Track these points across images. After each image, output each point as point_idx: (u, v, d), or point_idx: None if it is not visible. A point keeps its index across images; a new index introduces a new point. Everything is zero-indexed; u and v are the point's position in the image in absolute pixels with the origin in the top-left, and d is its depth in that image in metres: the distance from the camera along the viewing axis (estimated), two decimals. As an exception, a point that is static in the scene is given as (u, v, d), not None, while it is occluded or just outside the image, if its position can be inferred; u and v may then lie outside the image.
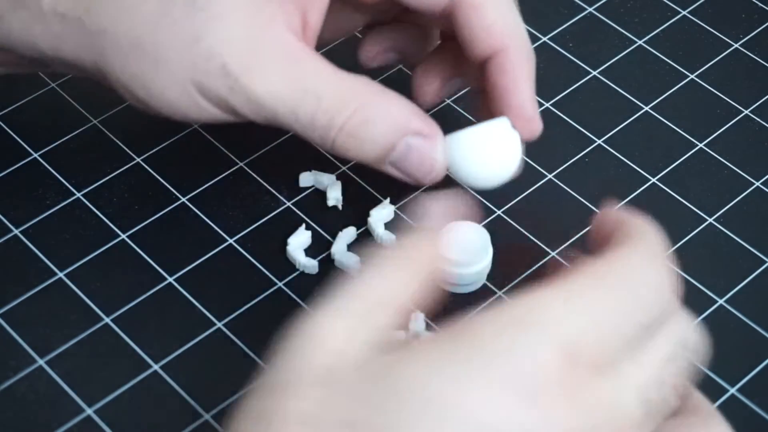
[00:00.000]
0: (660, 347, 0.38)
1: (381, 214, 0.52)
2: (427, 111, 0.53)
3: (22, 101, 0.57)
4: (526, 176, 0.55)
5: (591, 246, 0.41)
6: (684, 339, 0.38)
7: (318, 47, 0.49)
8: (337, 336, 0.36)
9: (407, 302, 0.38)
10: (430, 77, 0.53)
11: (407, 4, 0.49)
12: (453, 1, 0.48)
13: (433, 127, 0.47)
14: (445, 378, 0.34)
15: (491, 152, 0.48)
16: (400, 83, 0.56)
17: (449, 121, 0.57)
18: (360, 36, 0.55)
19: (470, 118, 0.57)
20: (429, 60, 0.53)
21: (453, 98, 0.57)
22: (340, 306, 0.37)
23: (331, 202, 0.53)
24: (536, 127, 0.49)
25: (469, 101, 0.57)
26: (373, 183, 0.54)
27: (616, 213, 0.41)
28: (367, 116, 0.46)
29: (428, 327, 0.48)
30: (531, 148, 0.56)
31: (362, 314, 0.37)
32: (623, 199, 0.54)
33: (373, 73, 0.57)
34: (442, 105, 0.57)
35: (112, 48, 0.47)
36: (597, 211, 0.54)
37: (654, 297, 0.37)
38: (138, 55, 0.46)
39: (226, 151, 0.55)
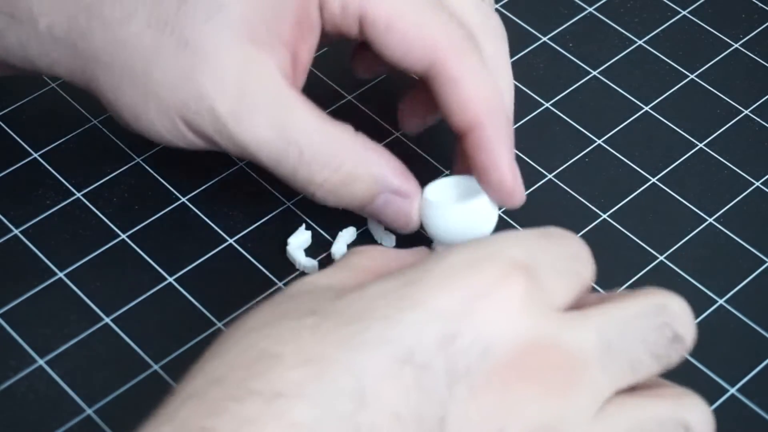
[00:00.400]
0: (629, 305, 0.39)
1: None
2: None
3: (22, 101, 0.57)
4: (526, 176, 0.54)
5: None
6: (662, 307, 0.39)
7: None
8: (319, 277, 0.40)
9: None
10: (415, 108, 0.53)
11: (389, 62, 0.49)
12: (431, 71, 0.48)
13: (411, 186, 0.48)
14: (404, 287, 0.37)
15: (468, 226, 0.48)
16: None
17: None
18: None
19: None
20: (415, 90, 0.53)
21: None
22: (326, 268, 0.41)
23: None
24: (517, 199, 0.48)
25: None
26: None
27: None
28: (348, 176, 0.47)
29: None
30: (531, 148, 0.56)
31: (344, 270, 0.40)
32: (623, 199, 0.54)
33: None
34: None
35: (105, 75, 0.47)
36: (597, 211, 0.54)
37: (585, 254, 0.41)
38: (129, 85, 0.47)
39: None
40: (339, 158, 0.47)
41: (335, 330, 0.36)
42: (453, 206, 0.48)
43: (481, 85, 0.48)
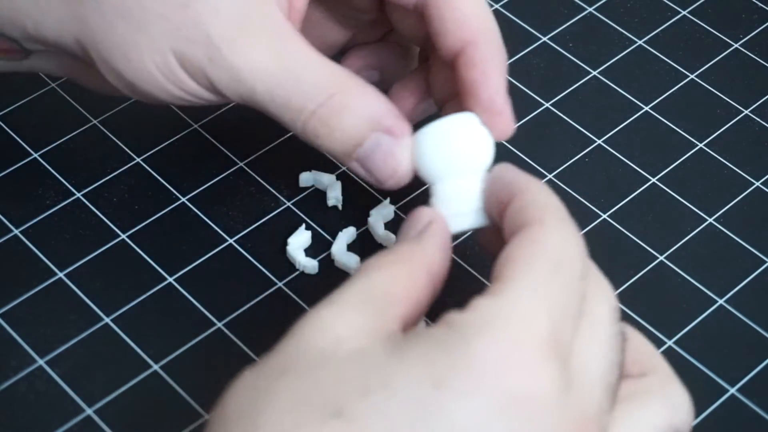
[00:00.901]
0: (599, 320, 0.38)
1: (381, 214, 0.52)
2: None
3: (22, 101, 0.57)
4: (526, 176, 0.55)
5: (488, 207, 0.43)
6: (615, 308, 0.39)
7: None
8: (338, 324, 0.36)
9: (415, 297, 0.39)
10: (403, 97, 0.52)
11: None
12: None
13: (404, 128, 0.46)
14: (435, 391, 0.34)
15: (457, 146, 0.45)
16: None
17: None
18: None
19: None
20: (404, 81, 0.52)
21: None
22: (344, 297, 0.37)
23: (331, 202, 0.53)
24: (507, 123, 0.46)
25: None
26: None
27: (511, 177, 0.42)
28: (341, 104, 0.45)
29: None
30: (531, 148, 0.56)
31: (366, 306, 0.37)
32: (623, 199, 0.54)
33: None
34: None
35: (95, 15, 0.46)
36: (597, 211, 0.54)
37: (584, 265, 0.39)
38: (121, 21, 0.46)
39: (226, 151, 0.55)
40: (334, 86, 0.45)
41: None
42: (437, 124, 0.45)
43: (477, 4, 0.47)
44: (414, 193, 0.53)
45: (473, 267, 0.51)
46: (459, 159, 0.44)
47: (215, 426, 0.35)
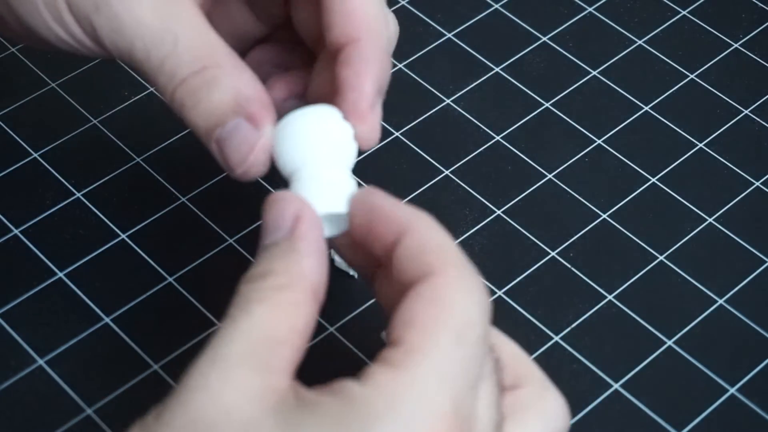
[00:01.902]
0: (487, 377, 0.38)
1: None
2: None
3: (22, 101, 0.57)
4: (526, 176, 0.55)
5: (355, 231, 0.40)
6: (490, 347, 0.38)
7: None
8: (225, 391, 0.35)
9: (301, 327, 0.37)
10: (276, 88, 0.49)
11: None
12: None
13: (266, 119, 0.43)
14: None
15: (315, 136, 0.43)
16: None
17: (450, 124, 0.57)
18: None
19: (470, 118, 0.57)
20: (284, 74, 0.50)
21: (453, 98, 0.57)
22: (228, 353, 0.36)
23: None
24: (369, 130, 0.43)
25: (466, 102, 0.57)
26: (373, 183, 0.54)
27: (391, 207, 0.39)
28: (212, 77, 0.44)
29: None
30: (531, 148, 0.56)
31: (251, 361, 0.36)
32: (623, 199, 0.54)
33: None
34: (443, 105, 0.57)
35: None
36: (597, 211, 0.54)
37: (486, 322, 0.37)
38: None
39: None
40: (211, 59, 0.44)
41: None
42: (297, 113, 0.43)
43: (369, 4, 0.45)
44: (413, 194, 0.53)
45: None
46: (317, 149, 0.43)
47: None
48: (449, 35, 0.60)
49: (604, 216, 0.53)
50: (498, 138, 0.56)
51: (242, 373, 0.35)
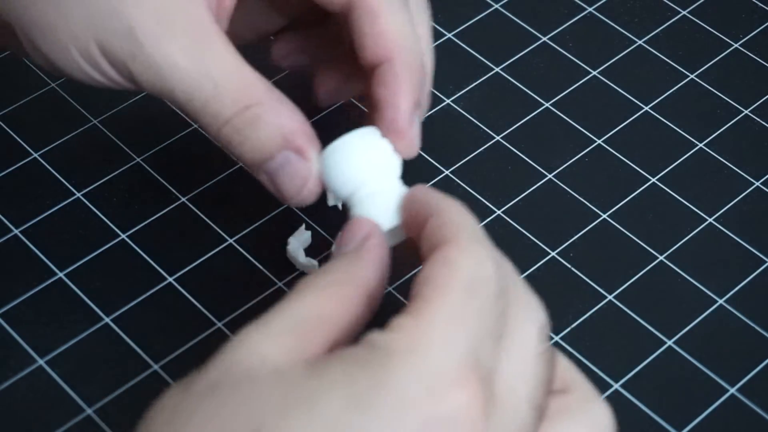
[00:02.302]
0: (524, 339, 0.38)
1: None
2: (327, 109, 0.54)
3: (22, 101, 0.57)
4: (526, 176, 0.55)
5: (405, 228, 0.43)
6: (542, 326, 0.39)
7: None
8: (264, 344, 0.36)
9: (347, 321, 0.38)
10: (328, 78, 0.53)
11: None
12: (351, 2, 0.47)
13: (313, 150, 0.46)
14: (355, 412, 0.34)
15: (360, 159, 0.45)
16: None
17: (450, 124, 0.57)
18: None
19: (470, 118, 0.57)
20: (330, 62, 0.53)
21: (453, 98, 0.57)
22: (274, 319, 0.37)
23: (331, 202, 0.53)
24: (409, 145, 0.46)
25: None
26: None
27: (426, 197, 0.41)
28: (256, 116, 0.45)
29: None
30: (531, 148, 0.56)
31: (293, 328, 0.37)
32: (623, 199, 0.54)
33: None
34: (443, 105, 0.57)
35: None
36: (597, 211, 0.54)
37: (500, 285, 0.38)
38: (42, 3, 0.45)
39: (227, 151, 0.55)
40: (252, 98, 0.45)
41: None
42: (340, 140, 0.45)
43: (399, 22, 0.47)
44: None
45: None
46: (366, 171, 0.45)
47: None
48: (449, 35, 0.60)
49: (604, 216, 0.53)
50: (498, 138, 0.56)
51: (283, 336, 0.37)
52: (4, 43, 0.51)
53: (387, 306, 0.40)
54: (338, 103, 0.56)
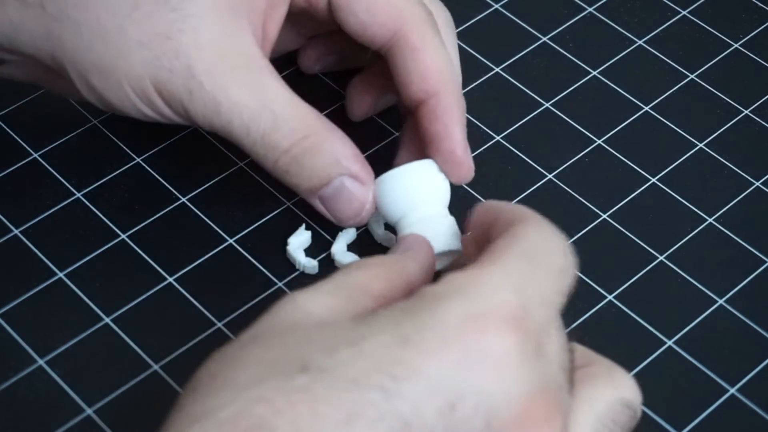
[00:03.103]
0: (607, 393, 0.40)
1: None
2: (359, 120, 0.55)
3: (22, 101, 0.57)
4: (526, 176, 0.55)
5: (471, 235, 0.44)
6: (630, 400, 0.41)
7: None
8: (310, 303, 0.38)
9: (390, 297, 0.39)
10: (363, 90, 0.54)
11: (350, 33, 0.50)
12: (393, 39, 0.49)
13: (369, 175, 0.48)
14: (401, 347, 0.35)
15: (417, 190, 0.48)
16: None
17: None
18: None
19: (470, 118, 0.57)
20: (364, 73, 0.54)
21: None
22: (321, 285, 0.39)
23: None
24: (466, 173, 0.49)
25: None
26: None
27: (494, 205, 0.43)
28: (313, 145, 0.47)
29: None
30: (531, 148, 0.56)
31: (339, 292, 0.38)
32: (623, 200, 0.54)
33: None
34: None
35: (72, 35, 0.47)
36: (597, 211, 0.54)
37: (560, 261, 0.39)
38: (100, 43, 0.46)
39: (226, 151, 0.55)
40: (308, 128, 0.47)
41: (329, 398, 0.34)
42: (398, 170, 0.48)
43: (440, 56, 0.49)
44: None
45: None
46: (420, 200, 0.48)
47: (186, 390, 0.36)
48: (449, 35, 0.60)
49: (604, 216, 0.53)
50: (498, 138, 0.56)
51: (329, 296, 0.38)
52: (51, 86, 0.52)
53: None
54: (370, 115, 0.56)
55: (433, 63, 0.49)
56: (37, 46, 0.48)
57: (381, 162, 0.50)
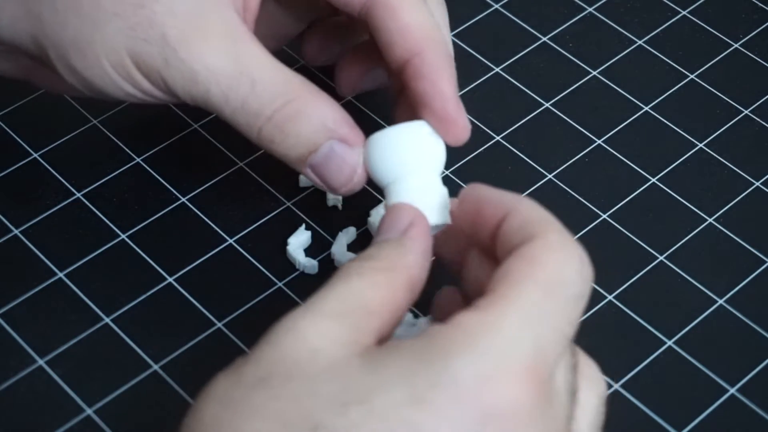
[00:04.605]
0: (597, 396, 0.40)
1: (381, 213, 0.52)
2: (347, 97, 0.54)
3: (22, 101, 0.57)
4: (526, 176, 0.55)
5: (462, 223, 0.43)
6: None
7: None
8: (313, 334, 0.36)
9: (393, 309, 0.38)
10: (351, 67, 0.53)
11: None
12: (368, 2, 0.47)
13: (358, 137, 0.46)
14: (414, 408, 0.34)
15: (409, 151, 0.45)
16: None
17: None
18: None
19: (470, 118, 0.57)
20: (353, 50, 0.53)
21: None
22: (321, 306, 0.37)
23: (331, 202, 0.53)
24: (461, 130, 0.46)
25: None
26: (373, 183, 0.54)
27: (497, 194, 0.42)
28: (297, 111, 0.45)
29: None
30: (531, 148, 0.56)
31: (342, 317, 0.37)
32: (623, 200, 0.54)
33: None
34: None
35: (49, 11, 0.46)
36: (597, 211, 0.54)
37: (579, 288, 0.38)
38: (75, 18, 0.46)
39: (226, 151, 0.55)
40: (290, 93, 0.45)
41: None
42: (389, 130, 0.45)
43: (419, 12, 0.47)
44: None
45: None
46: (412, 163, 0.45)
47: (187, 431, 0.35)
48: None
49: (604, 216, 0.53)
50: (498, 138, 0.56)
51: (332, 324, 0.37)
52: (36, 77, 0.51)
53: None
54: (360, 91, 0.55)
55: (413, 20, 0.47)
56: (17, 28, 0.47)
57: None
